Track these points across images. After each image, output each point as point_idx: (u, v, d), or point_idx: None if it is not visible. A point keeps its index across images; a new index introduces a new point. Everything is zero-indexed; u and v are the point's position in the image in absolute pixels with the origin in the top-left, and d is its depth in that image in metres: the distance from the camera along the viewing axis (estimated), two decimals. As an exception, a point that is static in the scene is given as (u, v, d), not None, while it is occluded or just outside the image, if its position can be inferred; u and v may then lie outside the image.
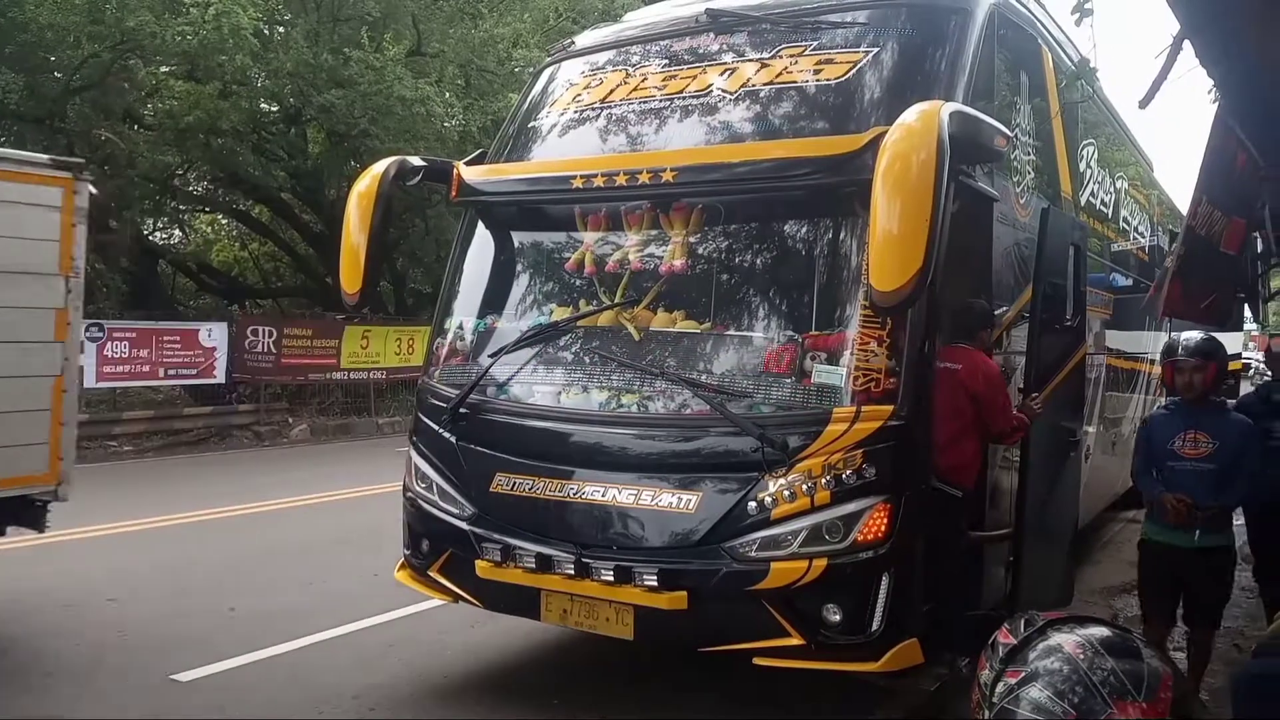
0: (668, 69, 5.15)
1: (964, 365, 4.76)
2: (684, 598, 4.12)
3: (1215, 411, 4.80)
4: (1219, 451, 4.64)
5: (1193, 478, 4.66)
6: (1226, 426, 4.72)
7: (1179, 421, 4.80)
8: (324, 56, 16.36)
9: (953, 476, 4.67)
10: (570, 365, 4.85)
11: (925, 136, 3.67)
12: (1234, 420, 4.78)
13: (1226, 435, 4.68)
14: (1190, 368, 4.71)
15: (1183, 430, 4.73)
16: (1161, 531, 4.76)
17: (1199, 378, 4.70)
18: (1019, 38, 5.50)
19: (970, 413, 4.74)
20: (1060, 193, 6.34)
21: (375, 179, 5.06)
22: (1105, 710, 1.31)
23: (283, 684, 5.27)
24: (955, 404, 4.69)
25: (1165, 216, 11.23)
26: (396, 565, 5.31)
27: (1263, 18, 2.84)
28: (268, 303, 25.16)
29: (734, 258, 4.70)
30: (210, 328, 16.71)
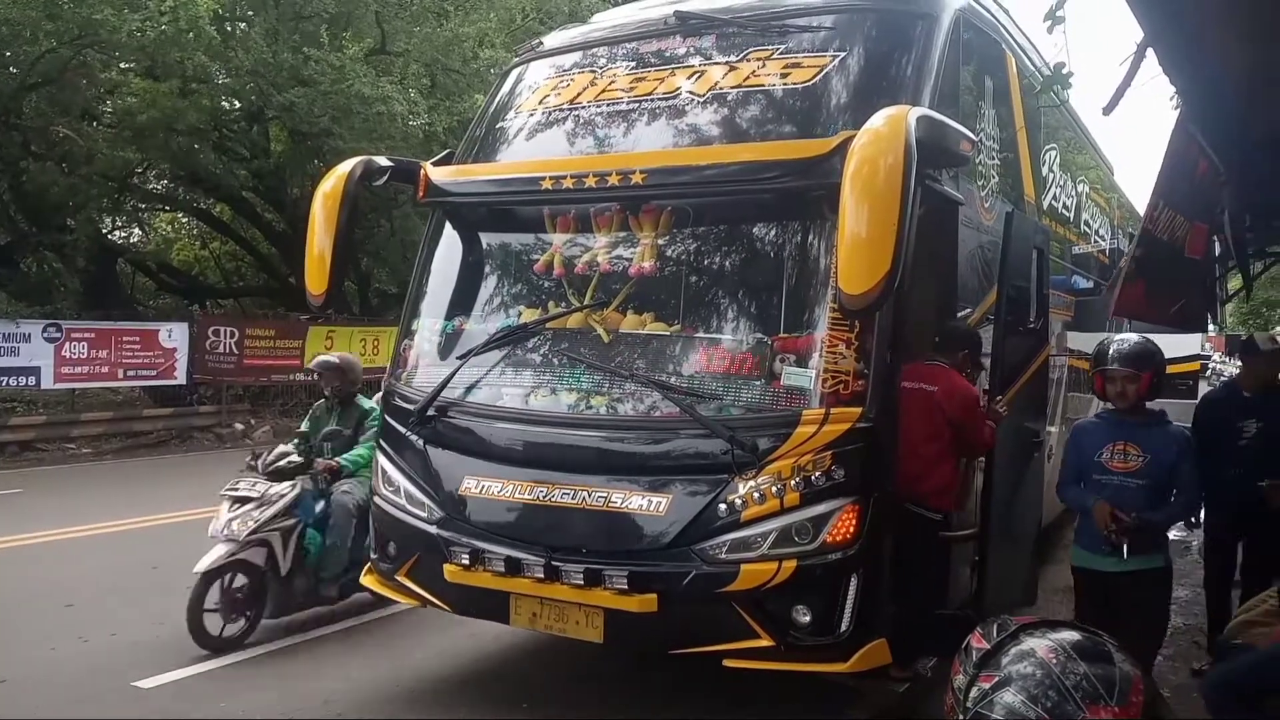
0: (636, 71, 5.15)
1: (940, 387, 4.73)
2: (654, 600, 4.12)
3: (1149, 422, 4.38)
4: (1150, 466, 4.25)
5: (1120, 493, 4.25)
6: (1160, 439, 4.31)
7: (1108, 432, 4.39)
8: (284, 55, 16.16)
9: (933, 501, 4.70)
10: (539, 367, 4.84)
11: (893, 141, 3.69)
12: (1169, 432, 4.36)
13: (1159, 448, 4.28)
14: (1122, 377, 4.30)
15: (1111, 441, 4.34)
16: (1087, 556, 4.40)
17: (1132, 388, 4.29)
18: (983, 43, 5.56)
19: (948, 434, 4.73)
20: (1024, 197, 6.42)
21: (340, 179, 5.01)
22: (1078, 714, 1.33)
23: (248, 690, 5.20)
24: (932, 427, 4.67)
25: (1125, 220, 11.41)
26: (363, 570, 5.26)
27: (1223, 27, 2.90)
28: (229, 303, 24.86)
29: (703, 260, 4.71)
30: (170, 328, 16.47)
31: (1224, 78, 3.38)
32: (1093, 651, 1.40)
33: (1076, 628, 1.48)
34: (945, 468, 4.78)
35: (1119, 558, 4.19)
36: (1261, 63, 3.31)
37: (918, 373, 4.76)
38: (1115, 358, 4.34)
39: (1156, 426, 4.36)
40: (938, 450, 4.72)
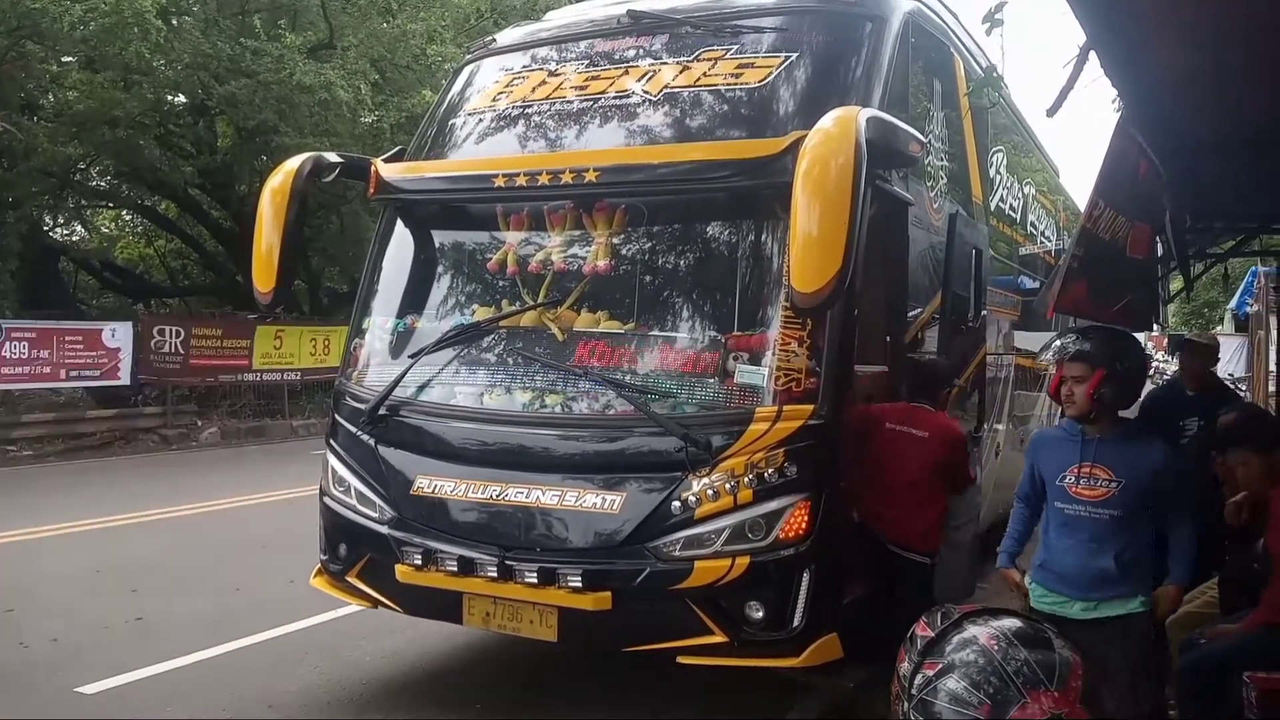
0: (590, 69, 5.15)
1: (931, 433, 4.67)
2: (608, 598, 4.12)
3: (1121, 436, 3.54)
4: (1123, 493, 3.43)
5: (1096, 526, 3.47)
6: (1132, 456, 3.47)
7: (1071, 449, 3.55)
8: (221, 45, 15.86)
9: (920, 544, 4.70)
10: (493, 366, 4.82)
11: (843, 141, 3.74)
12: (1144, 447, 3.53)
13: (1132, 469, 3.44)
14: (1071, 377, 3.51)
15: (1076, 462, 3.50)
16: (1047, 598, 3.60)
17: (1080, 390, 3.46)
18: (932, 46, 5.65)
19: (937, 478, 4.70)
20: (971, 198, 6.53)
21: (289, 175, 4.94)
22: (1019, 699, 1.36)
23: (194, 694, 5.11)
24: (920, 472, 4.63)
25: (1071, 222, 11.64)
26: (313, 571, 5.19)
27: (1164, 31, 2.98)
28: (175, 302, 24.39)
29: (657, 258, 4.72)
30: (114, 327, 16.13)
31: (1164, 81, 3.48)
32: (1033, 638, 1.44)
33: (1018, 615, 1.52)
34: (932, 512, 4.73)
35: (1087, 602, 3.50)
36: (1201, 67, 3.41)
37: (902, 415, 4.75)
38: (1062, 351, 3.62)
39: (1130, 441, 3.54)
40: (926, 494, 4.68)
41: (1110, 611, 3.48)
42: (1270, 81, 3.68)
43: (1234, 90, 3.77)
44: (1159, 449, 3.56)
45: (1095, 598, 3.50)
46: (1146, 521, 3.54)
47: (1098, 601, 3.49)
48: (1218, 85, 3.71)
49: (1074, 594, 3.53)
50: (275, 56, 15.69)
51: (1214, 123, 4.30)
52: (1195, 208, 6.37)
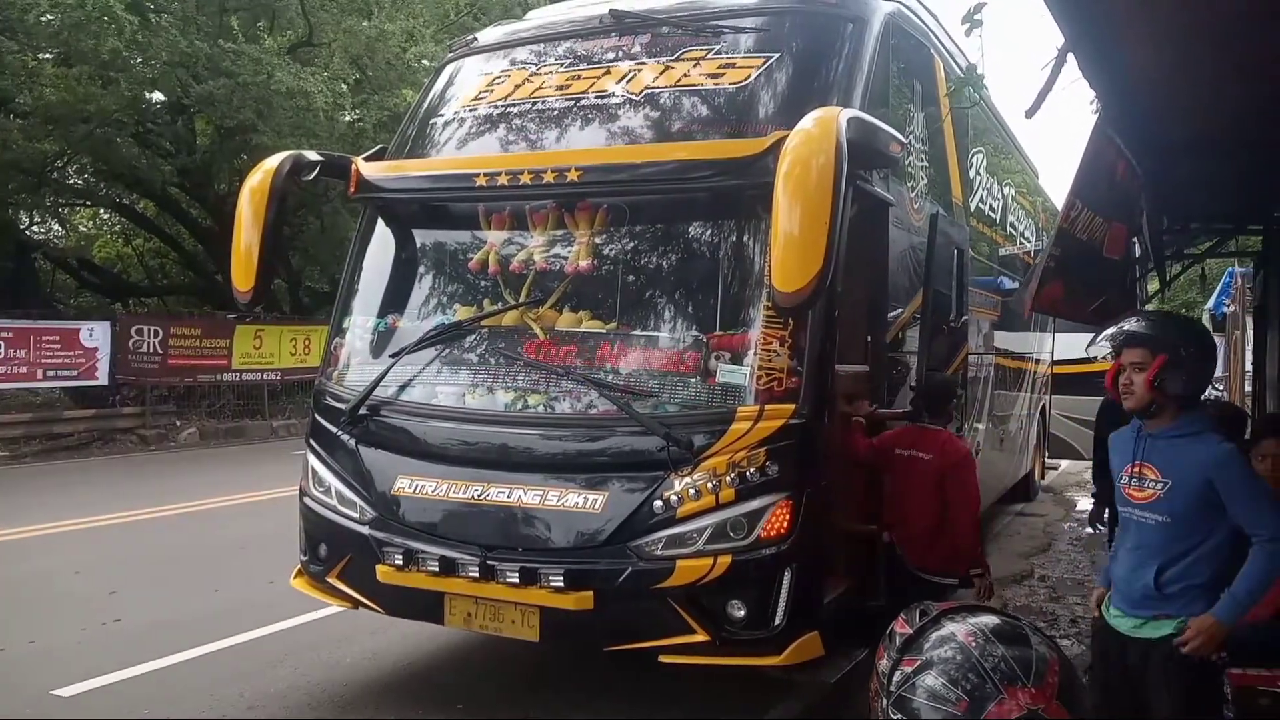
0: (572, 69, 5.15)
1: (935, 454, 4.70)
2: (590, 598, 4.12)
3: (1177, 433, 3.13)
4: (1170, 496, 3.08)
5: (1143, 533, 3.17)
6: (1185, 454, 3.08)
7: (1130, 448, 3.24)
8: (199, 44, 15.75)
9: (948, 566, 4.71)
10: (475, 366, 4.80)
11: (824, 142, 3.75)
12: (1199, 444, 3.08)
13: (1182, 469, 3.07)
14: (1129, 364, 3.14)
15: (1131, 461, 3.21)
16: (1108, 607, 3.31)
17: (1139, 378, 3.09)
18: (912, 47, 5.68)
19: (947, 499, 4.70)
20: (952, 199, 6.57)
21: (268, 174, 4.91)
22: (997, 695, 1.37)
23: (174, 696, 5.08)
24: (931, 495, 4.66)
25: (1050, 223, 11.72)
26: (293, 572, 5.17)
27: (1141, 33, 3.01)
28: (153, 301, 24.20)
29: (639, 258, 4.72)
30: (92, 327, 15.99)
31: (1141, 82, 3.51)
32: (1010, 635, 1.45)
33: (995, 612, 1.53)
34: (959, 533, 4.71)
35: (1135, 619, 3.16)
36: (1178, 69, 3.45)
37: (910, 439, 4.80)
38: (1118, 336, 3.21)
39: (1184, 437, 3.11)
40: (940, 518, 4.70)
41: (1153, 633, 3.10)
42: (1243, 83, 3.72)
43: (1209, 91, 3.82)
44: (1214, 447, 3.06)
45: (1141, 614, 3.14)
46: (1208, 534, 3.04)
47: (1144, 619, 3.13)
48: (1193, 86, 3.76)
49: (1126, 608, 3.19)
50: (253, 58, 15.59)
51: (1190, 123, 4.35)
52: (1172, 209, 6.45)
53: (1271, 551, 2.93)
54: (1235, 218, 7.71)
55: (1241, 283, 11.65)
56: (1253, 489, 3.04)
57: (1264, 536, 2.94)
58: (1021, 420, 9.41)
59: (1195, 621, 2.98)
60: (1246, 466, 3.09)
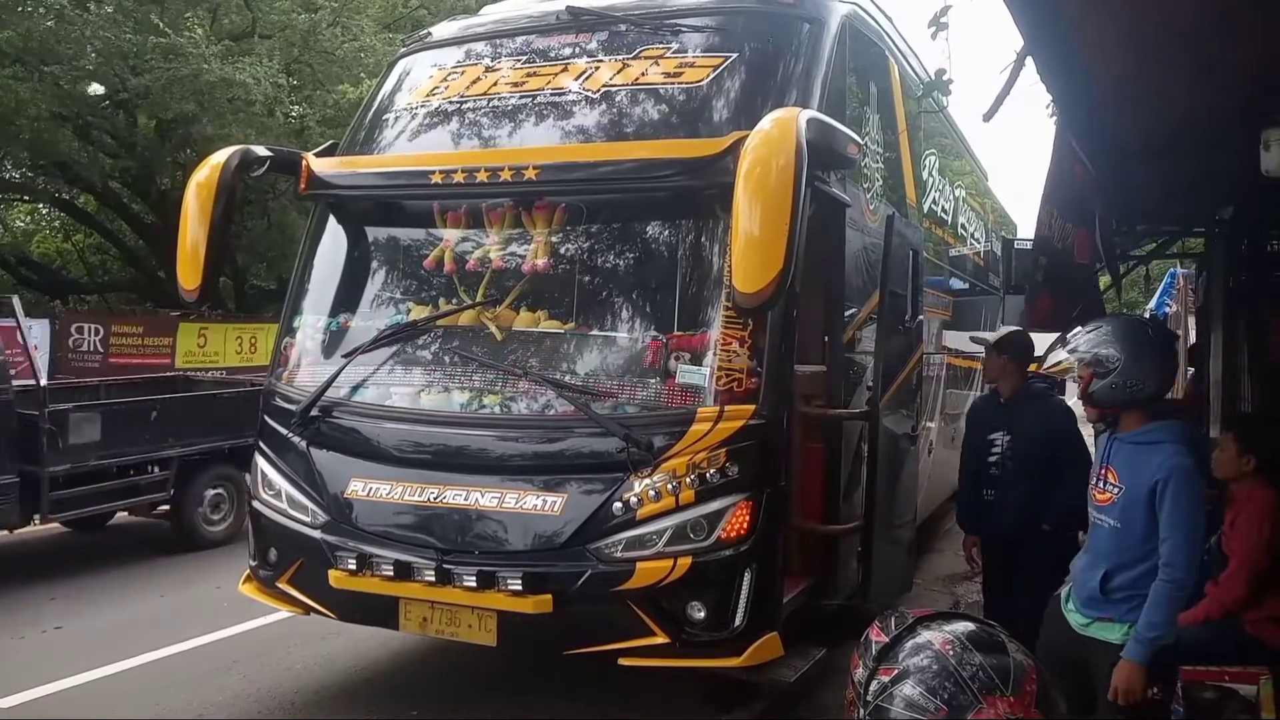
0: (528, 65, 5.09)
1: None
2: (549, 601, 4.07)
3: (1143, 439, 3.12)
4: (1123, 500, 3.11)
5: (1098, 535, 3.23)
6: (1141, 463, 3.08)
7: (1101, 453, 3.29)
8: (127, 36, 15.33)
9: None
10: (429, 366, 4.73)
11: (783, 142, 3.75)
12: (1158, 454, 3.05)
13: (1135, 476, 3.08)
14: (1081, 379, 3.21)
15: (1102, 465, 3.25)
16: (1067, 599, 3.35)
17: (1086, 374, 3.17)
18: (868, 48, 5.70)
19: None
20: (906, 200, 6.61)
21: (215, 169, 4.78)
22: (975, 705, 1.36)
23: (117, 706, 4.94)
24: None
25: (999, 224, 11.90)
26: (242, 577, 5.04)
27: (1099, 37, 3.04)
28: (94, 298, 23.58)
29: (597, 258, 4.68)
30: (30, 325, 15.49)
31: (1097, 86, 3.55)
32: (987, 642, 1.44)
33: (971, 619, 1.52)
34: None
35: (1084, 617, 3.21)
36: (1131, 74, 3.49)
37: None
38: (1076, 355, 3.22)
39: (1146, 445, 3.10)
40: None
41: (1099, 634, 3.15)
42: (1193, 89, 3.79)
43: (1161, 96, 3.88)
44: (1168, 458, 3.01)
45: (1089, 614, 3.20)
46: (1156, 550, 3.02)
47: (1091, 619, 3.19)
48: (1146, 91, 3.81)
49: (1078, 605, 3.26)
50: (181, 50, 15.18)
51: (1142, 127, 4.41)
52: (1122, 210, 6.55)
53: (1170, 592, 2.96)
54: (1181, 220, 7.87)
55: (1184, 283, 11.92)
56: (1187, 516, 2.99)
57: (1168, 575, 2.96)
58: (973, 418, 9.51)
59: (1115, 674, 2.99)
60: (1191, 488, 3.01)
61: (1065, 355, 3.21)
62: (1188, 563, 2.96)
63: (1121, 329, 3.18)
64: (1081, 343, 3.16)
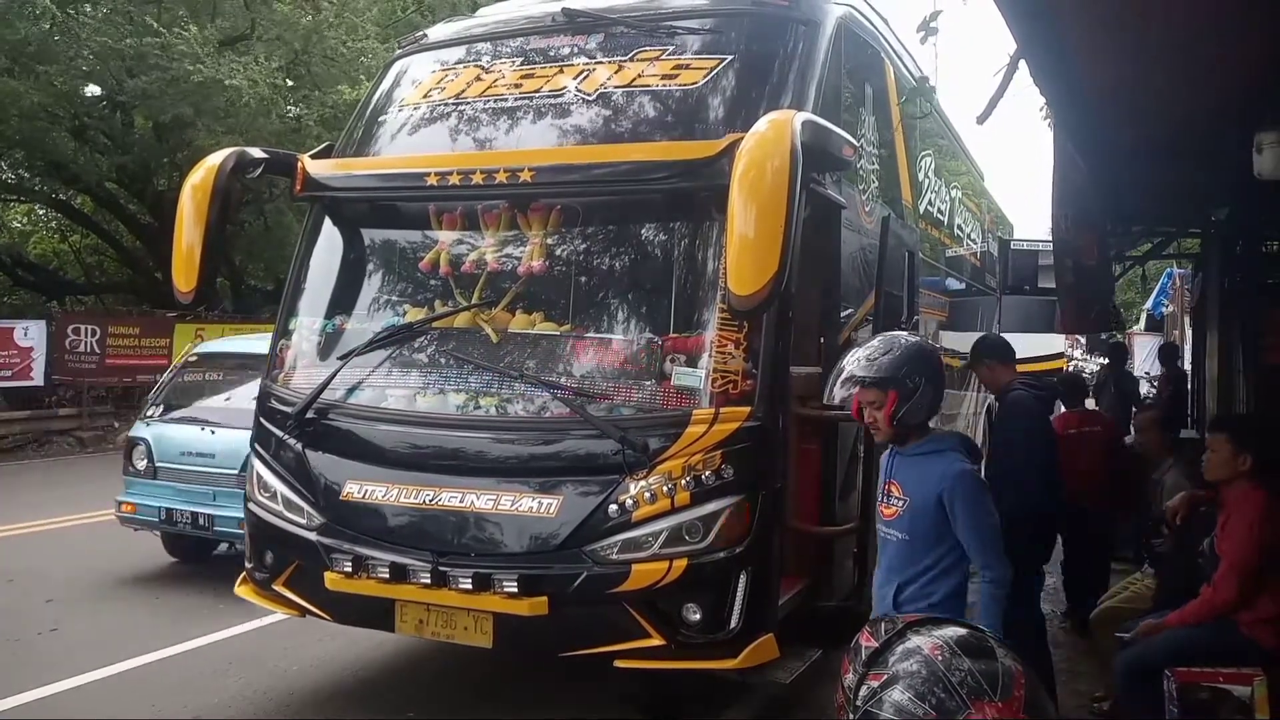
0: (524, 67, 5.09)
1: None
2: (545, 603, 4.07)
3: (925, 451, 3.19)
4: (909, 512, 3.14)
5: (888, 550, 3.24)
6: (924, 474, 3.13)
7: (885, 466, 3.33)
8: (123, 37, 15.31)
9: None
10: (425, 368, 4.73)
11: (778, 144, 3.75)
12: (939, 464, 3.13)
13: (920, 487, 3.12)
14: (868, 403, 3.17)
15: (886, 479, 3.29)
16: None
17: (880, 415, 3.15)
18: (863, 50, 5.71)
19: None
20: (901, 201, 6.62)
21: (211, 171, 4.78)
22: (963, 710, 1.36)
23: (113, 707, 4.94)
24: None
25: (995, 224, 11.91)
26: (238, 579, 5.04)
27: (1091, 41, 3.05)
28: (90, 299, 23.55)
29: (593, 259, 4.69)
30: (26, 326, 15.55)
31: (1090, 89, 3.56)
32: (977, 648, 1.44)
33: (960, 624, 1.53)
34: None
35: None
36: (1123, 78, 3.51)
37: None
38: (851, 383, 3.18)
39: (928, 455, 3.17)
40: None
41: None
42: (1187, 92, 3.80)
43: (1155, 100, 3.89)
44: (950, 465, 3.09)
45: None
46: (944, 552, 3.07)
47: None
48: (1139, 95, 3.83)
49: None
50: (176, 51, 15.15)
51: (1137, 130, 4.43)
52: (1117, 212, 6.57)
53: (993, 593, 3.03)
54: (1176, 221, 7.89)
55: (1180, 284, 11.95)
56: (978, 519, 3.05)
57: (987, 576, 3.04)
58: (969, 419, 9.52)
59: None
60: (978, 492, 3.09)
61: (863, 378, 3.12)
62: (998, 559, 3.07)
63: (914, 349, 3.17)
64: (883, 366, 3.09)
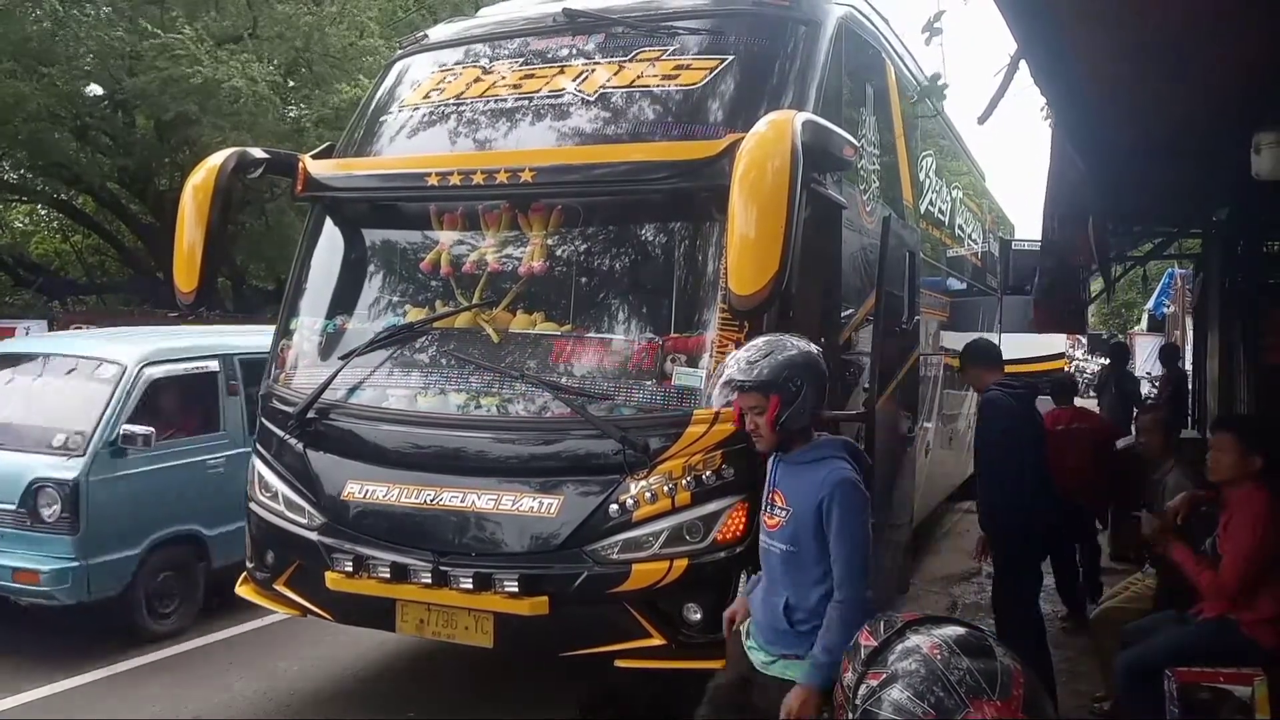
0: (525, 68, 5.10)
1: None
2: (545, 603, 4.08)
3: (809, 458, 3.01)
4: (792, 522, 2.96)
5: (772, 562, 3.07)
6: (806, 481, 2.96)
7: (771, 475, 3.16)
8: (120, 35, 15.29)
9: None
10: (426, 368, 4.73)
11: (779, 144, 3.75)
12: (820, 471, 2.94)
13: (802, 497, 2.95)
14: (749, 408, 2.99)
15: (770, 488, 3.12)
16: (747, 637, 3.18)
17: (761, 420, 2.97)
18: (864, 50, 5.70)
19: None
20: (902, 201, 6.61)
21: (212, 171, 4.79)
22: (962, 709, 1.37)
23: (115, 706, 4.95)
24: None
25: (996, 224, 11.91)
26: (239, 579, 5.05)
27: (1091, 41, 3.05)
28: (92, 299, 23.56)
29: (593, 260, 4.69)
30: (28, 326, 15.54)
31: (1092, 90, 3.56)
32: (975, 647, 1.45)
33: (959, 623, 1.53)
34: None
35: (767, 654, 3.03)
36: (1124, 78, 3.51)
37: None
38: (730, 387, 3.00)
39: (811, 464, 2.99)
40: None
41: (782, 673, 2.95)
42: (1186, 92, 3.80)
43: (1155, 100, 3.89)
44: (832, 472, 2.92)
45: (774, 651, 3.01)
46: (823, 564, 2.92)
47: (775, 657, 3.00)
48: (1139, 95, 3.82)
49: (760, 641, 3.07)
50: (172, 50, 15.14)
51: (1137, 129, 4.43)
52: (1117, 212, 6.57)
53: (843, 614, 2.80)
54: (1177, 221, 7.89)
55: (1181, 284, 11.94)
56: (850, 529, 2.86)
57: (840, 595, 2.85)
58: (970, 419, 9.52)
59: (791, 695, 2.84)
60: (856, 502, 2.89)
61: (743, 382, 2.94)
62: (858, 580, 2.86)
63: (795, 352, 2.99)
64: (764, 370, 2.91)
